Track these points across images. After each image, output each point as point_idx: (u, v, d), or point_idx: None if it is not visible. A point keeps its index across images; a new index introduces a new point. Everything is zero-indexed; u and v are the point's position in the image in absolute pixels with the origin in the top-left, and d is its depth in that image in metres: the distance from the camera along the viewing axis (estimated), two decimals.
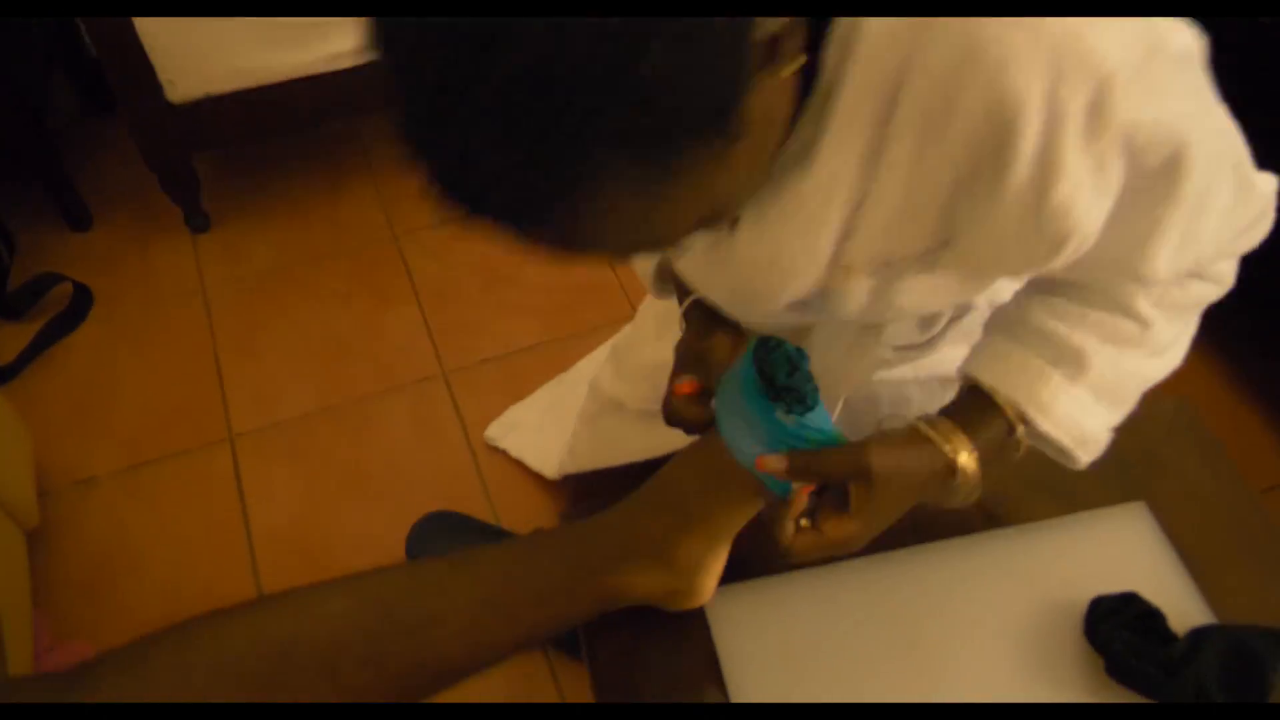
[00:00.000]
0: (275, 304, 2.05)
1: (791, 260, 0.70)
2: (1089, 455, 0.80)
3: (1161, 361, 0.80)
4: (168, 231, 2.17)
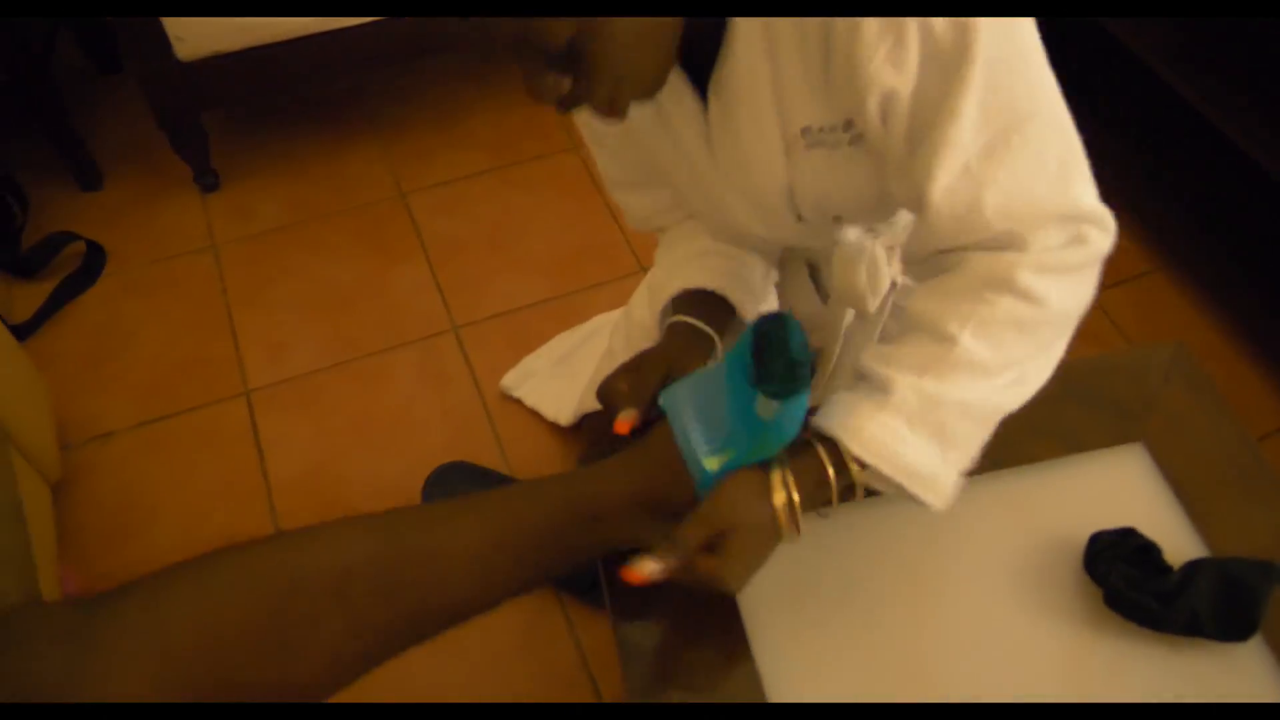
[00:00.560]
0: (285, 261, 2.05)
1: (753, 142, 0.85)
2: (934, 495, 0.77)
3: (982, 391, 0.77)
4: (177, 190, 2.16)
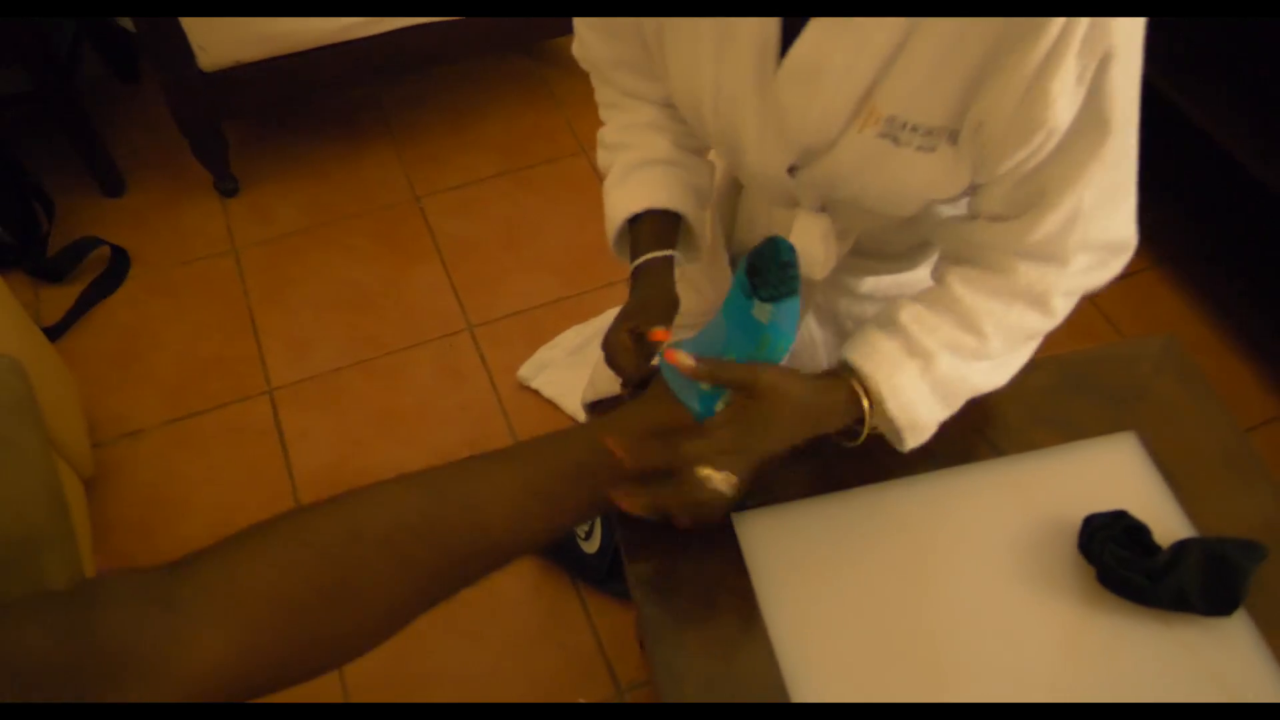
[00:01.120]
0: (304, 263, 2.09)
1: (833, 76, 0.76)
2: (914, 441, 0.87)
3: (990, 376, 0.89)
4: (198, 195, 2.20)
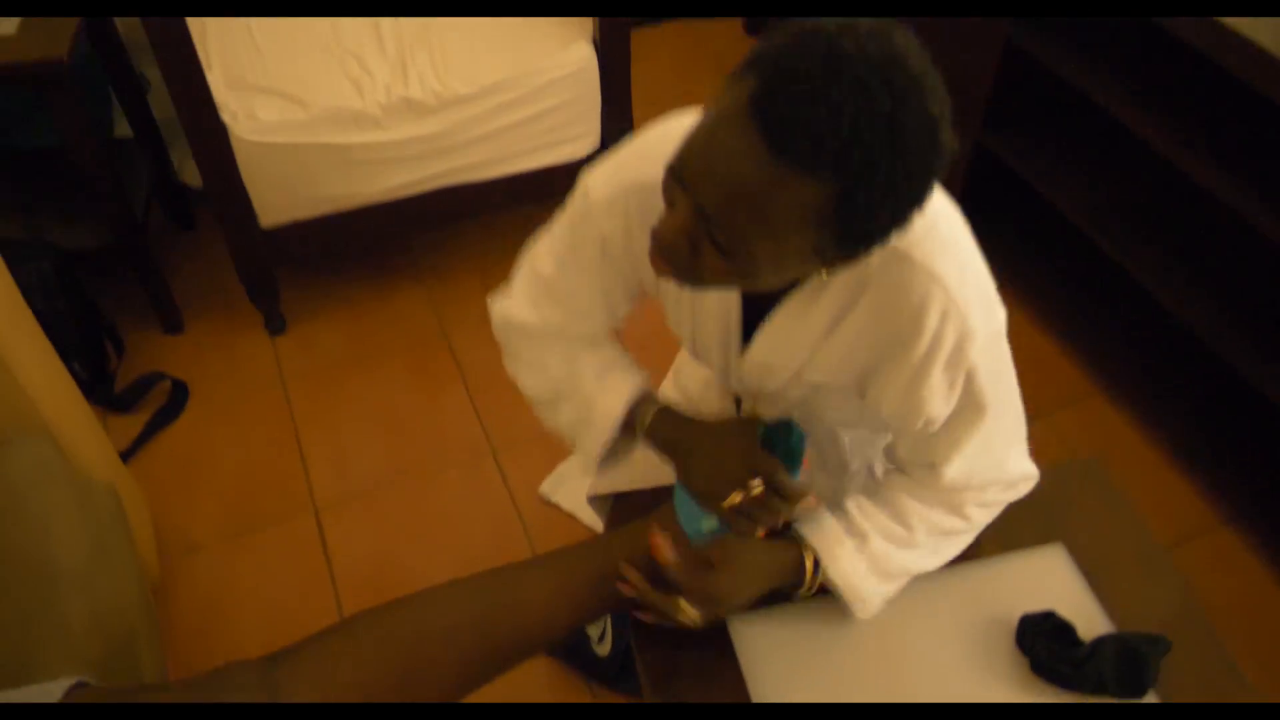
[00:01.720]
0: (345, 391, 2.29)
1: (779, 363, 1.01)
2: (863, 611, 1.07)
3: (922, 561, 1.08)
4: (249, 331, 2.41)
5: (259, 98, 2.04)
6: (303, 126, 2.01)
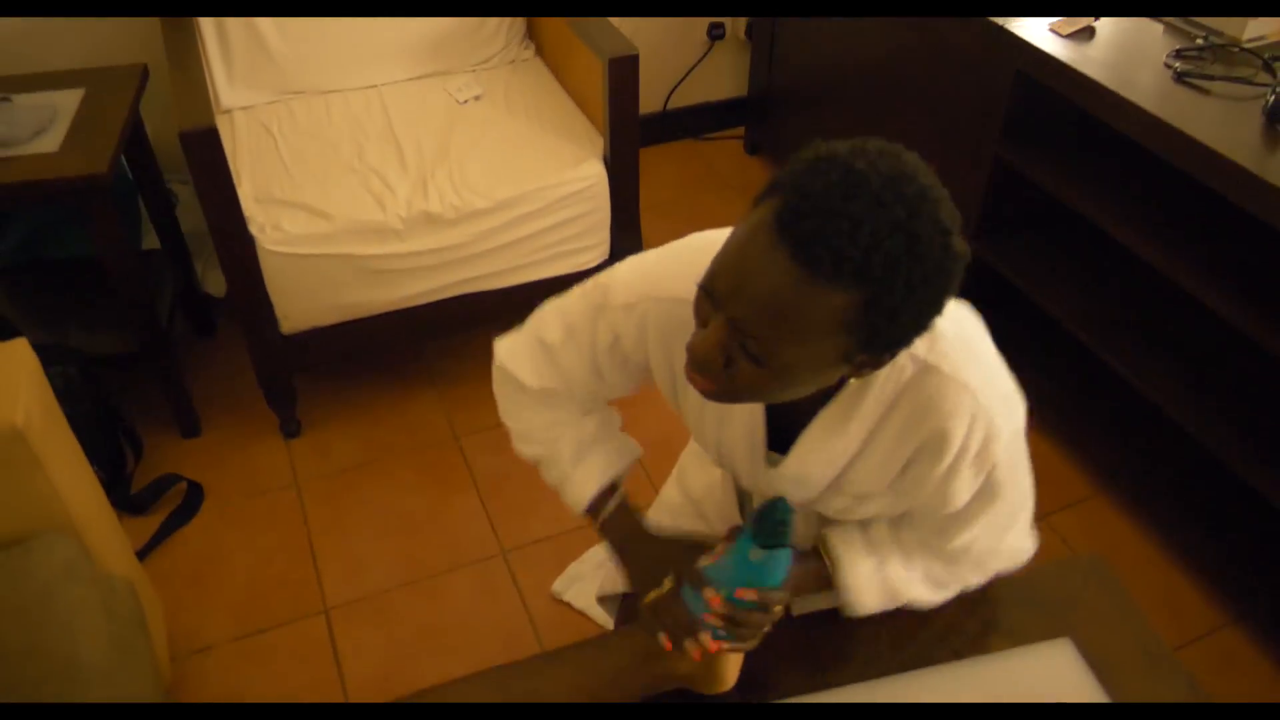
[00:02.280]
0: (357, 494, 2.31)
1: (812, 480, 1.06)
2: (857, 614, 1.13)
3: (924, 593, 1.14)
4: (265, 435, 2.45)
5: (286, 211, 2.13)
6: (326, 238, 2.10)
